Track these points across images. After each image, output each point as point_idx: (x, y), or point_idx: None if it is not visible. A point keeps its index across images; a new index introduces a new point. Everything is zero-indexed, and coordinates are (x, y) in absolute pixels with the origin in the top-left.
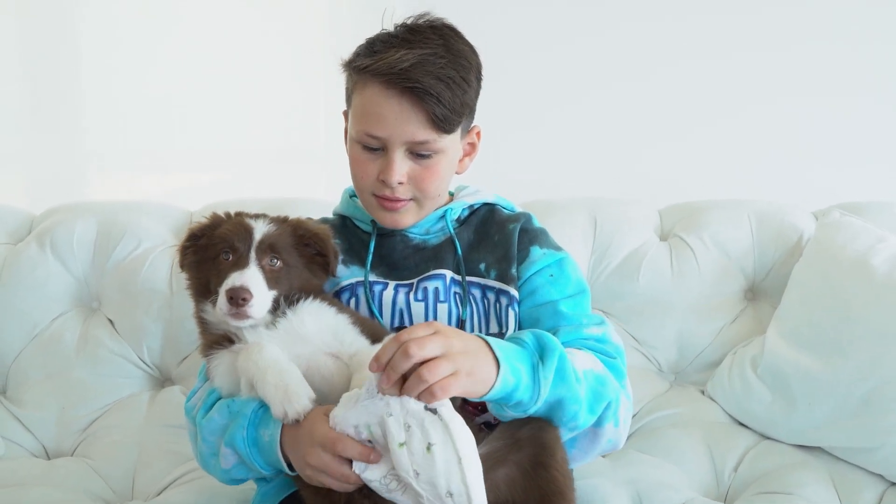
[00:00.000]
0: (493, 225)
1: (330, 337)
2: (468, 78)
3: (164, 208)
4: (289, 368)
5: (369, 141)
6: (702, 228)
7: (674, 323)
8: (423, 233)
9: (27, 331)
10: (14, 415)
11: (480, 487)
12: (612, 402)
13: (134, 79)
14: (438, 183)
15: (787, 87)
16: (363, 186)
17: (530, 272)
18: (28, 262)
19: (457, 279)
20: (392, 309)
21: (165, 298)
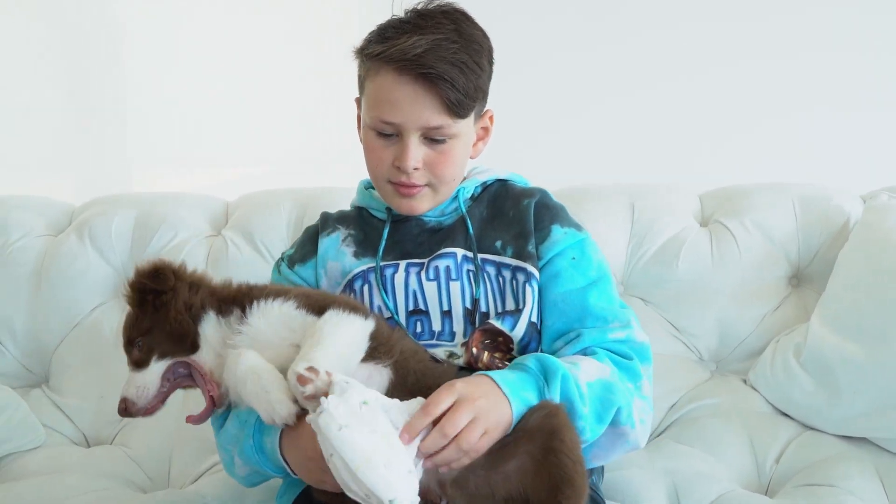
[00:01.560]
0: (507, 200)
1: (286, 331)
2: (480, 62)
3: (200, 199)
4: (267, 374)
5: (383, 127)
6: (743, 213)
7: (715, 310)
8: (438, 215)
9: (68, 321)
10: (55, 403)
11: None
12: (623, 406)
13: (174, 78)
14: (453, 168)
15: (833, 68)
16: (378, 174)
17: (552, 253)
18: (68, 254)
19: (469, 256)
20: (405, 291)
21: None
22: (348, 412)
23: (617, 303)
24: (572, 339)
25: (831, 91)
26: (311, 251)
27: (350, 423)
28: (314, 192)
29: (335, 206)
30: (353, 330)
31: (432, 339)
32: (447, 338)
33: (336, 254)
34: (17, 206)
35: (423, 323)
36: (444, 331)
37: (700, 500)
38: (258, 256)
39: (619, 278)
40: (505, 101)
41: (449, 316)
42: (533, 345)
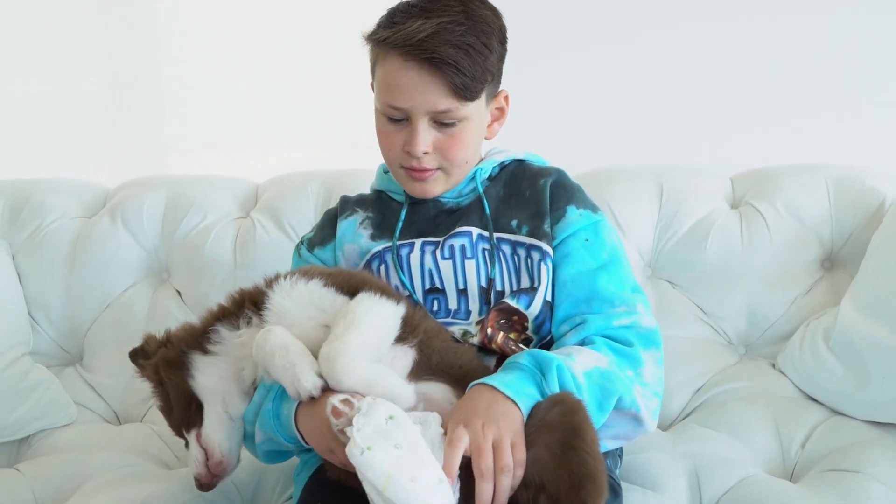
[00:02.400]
0: (524, 179)
1: (314, 310)
2: (489, 43)
3: (230, 181)
4: (295, 348)
5: (393, 112)
6: (774, 195)
7: (744, 294)
8: (456, 196)
9: (101, 302)
10: (88, 382)
11: (416, 498)
12: (624, 394)
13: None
14: (464, 151)
15: (864, 48)
16: (391, 158)
17: (566, 233)
18: (101, 235)
19: (484, 235)
20: (421, 271)
21: (229, 270)
22: (374, 431)
23: (628, 286)
24: (577, 325)
25: (864, 72)
26: (331, 234)
27: (374, 444)
28: (341, 175)
29: (362, 188)
30: (386, 314)
31: (448, 317)
32: (462, 316)
33: (353, 236)
34: (52, 188)
35: (439, 301)
36: (459, 309)
37: (721, 485)
38: (285, 238)
39: (647, 261)
40: (536, 85)
41: (465, 294)
42: (547, 324)
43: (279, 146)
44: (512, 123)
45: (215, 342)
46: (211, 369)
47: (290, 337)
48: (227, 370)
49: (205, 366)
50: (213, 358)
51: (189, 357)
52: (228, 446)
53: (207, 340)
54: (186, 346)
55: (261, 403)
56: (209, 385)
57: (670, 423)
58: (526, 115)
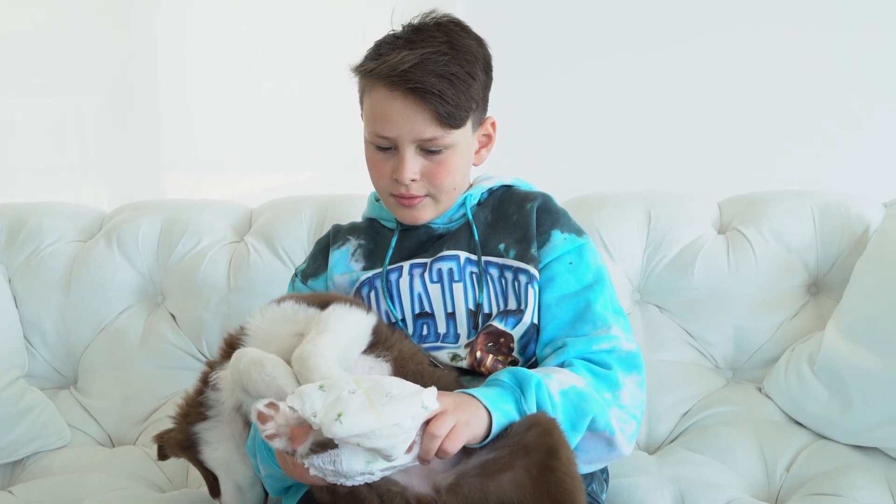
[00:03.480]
0: (511, 204)
1: (288, 323)
2: (473, 72)
3: (224, 205)
4: (269, 360)
5: (380, 141)
6: (761, 221)
7: (731, 318)
8: (446, 222)
9: (96, 325)
10: (82, 404)
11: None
12: (598, 415)
13: (206, 85)
14: (451, 178)
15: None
16: (381, 187)
17: (551, 257)
18: (97, 259)
19: (472, 259)
20: (410, 295)
21: (223, 294)
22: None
23: (611, 308)
24: (558, 349)
25: (851, 98)
26: (323, 265)
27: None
28: (334, 199)
29: (355, 213)
30: (356, 321)
31: (437, 341)
32: (451, 340)
33: (345, 267)
34: (49, 212)
35: (429, 326)
36: (448, 333)
37: None
38: (279, 262)
39: (635, 285)
40: (524, 111)
41: (453, 318)
42: (533, 345)
43: (276, 168)
44: (500, 149)
45: (210, 405)
46: (213, 435)
47: (261, 352)
48: (226, 430)
49: (208, 434)
50: (213, 422)
51: (193, 431)
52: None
53: (203, 406)
54: (188, 422)
55: (255, 435)
56: (214, 455)
57: (657, 446)
58: (514, 140)
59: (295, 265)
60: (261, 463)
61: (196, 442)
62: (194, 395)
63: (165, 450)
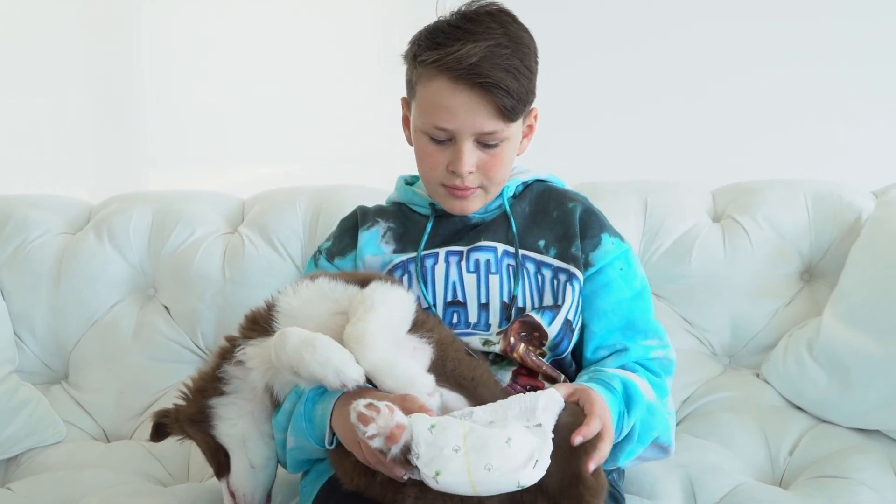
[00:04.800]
0: (551, 201)
1: (327, 302)
2: (530, 65)
3: (217, 196)
4: (320, 341)
5: (438, 133)
6: (755, 209)
7: (727, 305)
8: (483, 212)
9: (86, 318)
10: (75, 399)
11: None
12: (662, 432)
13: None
14: (505, 169)
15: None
16: (432, 177)
17: (603, 262)
18: (86, 251)
19: (510, 251)
20: (445, 283)
21: (218, 285)
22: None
23: (653, 316)
24: (618, 352)
25: (842, 88)
26: (350, 244)
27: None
28: (328, 190)
29: (350, 202)
30: (400, 298)
31: (468, 328)
32: (483, 328)
33: (376, 248)
34: (35, 204)
35: (459, 314)
36: (479, 322)
37: (714, 492)
38: (274, 253)
39: None
40: None
41: (486, 308)
42: (565, 343)
43: (261, 161)
44: None
45: (228, 380)
46: (230, 410)
47: (307, 332)
48: (245, 406)
49: (224, 409)
50: (231, 398)
51: (208, 405)
52: (253, 492)
53: (220, 381)
54: (203, 396)
55: (292, 410)
56: (230, 431)
57: None
58: None
59: (291, 256)
60: (294, 435)
61: (210, 416)
62: (210, 370)
63: (167, 426)
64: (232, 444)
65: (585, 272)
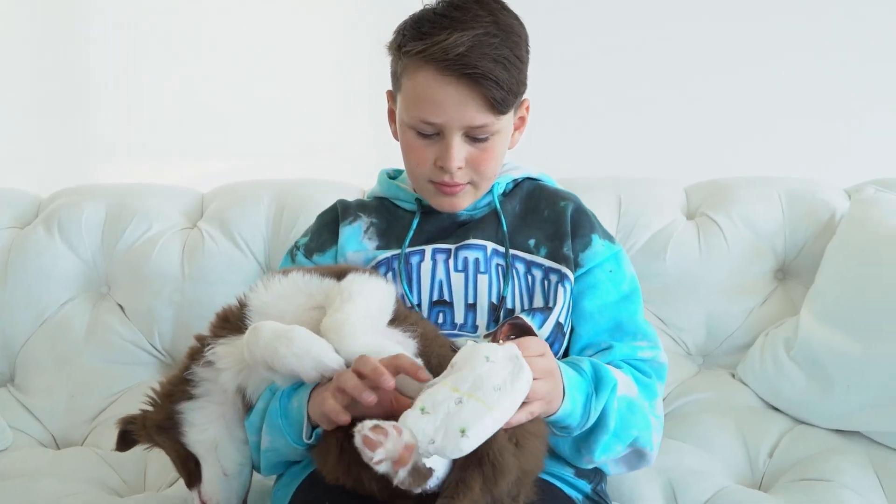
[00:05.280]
0: (542, 200)
1: (301, 296)
2: (521, 54)
3: (175, 190)
4: (296, 332)
5: (424, 128)
6: (730, 206)
7: (702, 304)
8: (471, 209)
9: (35, 317)
10: (22, 403)
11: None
12: (641, 433)
13: (146, 67)
14: (495, 164)
15: (818, 65)
16: (419, 173)
17: (592, 264)
18: (35, 247)
19: (499, 251)
20: (431, 281)
21: (177, 282)
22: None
23: (643, 319)
24: (602, 350)
25: (815, 86)
26: (330, 240)
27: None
28: (293, 184)
29: (318, 197)
30: (379, 288)
31: (454, 329)
32: (469, 329)
33: (358, 244)
34: None
35: (445, 314)
36: (466, 323)
37: (697, 497)
38: (236, 250)
39: None
40: None
41: (473, 309)
42: (556, 346)
43: (220, 154)
44: None
45: (197, 383)
46: (200, 415)
47: (282, 325)
48: (216, 410)
49: (194, 414)
50: (201, 401)
51: (176, 411)
52: (227, 501)
53: (189, 384)
54: (171, 401)
55: (265, 408)
56: (200, 437)
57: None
58: None
59: (254, 253)
60: (269, 434)
61: (179, 423)
62: (179, 372)
63: (133, 434)
64: (203, 450)
65: (575, 272)
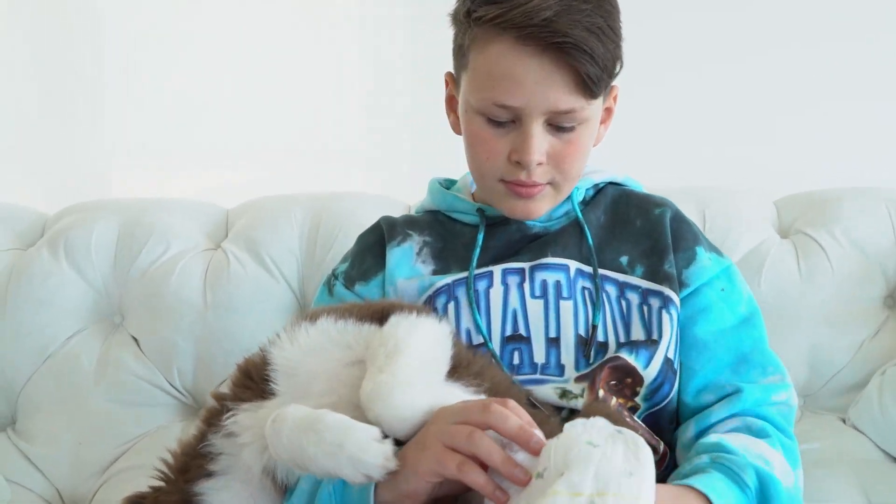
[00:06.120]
0: (632, 207)
1: (337, 350)
2: (615, 26)
3: (195, 206)
4: (325, 424)
5: (498, 113)
6: (832, 222)
7: (804, 336)
8: (545, 219)
9: (38, 351)
10: (23, 452)
11: None
12: None
13: (160, 72)
14: (581, 160)
15: None
16: (488, 170)
17: (700, 282)
18: (39, 271)
19: (585, 271)
20: (503, 311)
21: (198, 312)
22: None
23: (768, 346)
24: (729, 395)
25: None
26: (375, 266)
27: None
28: (328, 198)
29: (358, 212)
30: (432, 332)
31: (535, 373)
32: (554, 371)
33: (410, 269)
34: None
35: (521, 353)
36: (548, 363)
37: None
38: (265, 273)
39: None
40: None
41: (556, 344)
42: (666, 387)
43: (244, 163)
44: None
45: (215, 457)
46: (224, 498)
47: (306, 410)
48: (242, 491)
49: (216, 496)
50: (222, 479)
51: (194, 493)
52: None
53: (207, 458)
54: (186, 479)
55: (312, 491)
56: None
57: None
58: None
59: (286, 277)
60: None
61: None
62: (194, 441)
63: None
64: None
65: (680, 294)
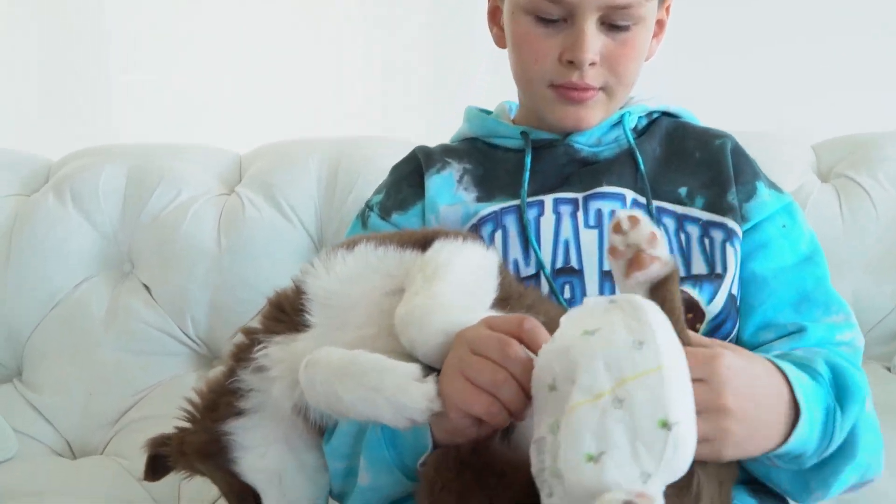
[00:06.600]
0: (689, 140)
1: (376, 277)
2: None
3: (206, 151)
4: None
5: (548, 9)
6: (875, 165)
7: (847, 282)
8: (594, 143)
9: (45, 300)
10: (30, 403)
11: None
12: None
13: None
14: (637, 64)
15: None
16: (536, 73)
17: (760, 217)
18: (45, 217)
19: (641, 203)
20: (554, 241)
21: (213, 258)
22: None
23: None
24: (791, 334)
25: None
26: (413, 195)
27: None
28: (347, 143)
29: (375, 158)
30: (477, 258)
31: None
32: None
33: (452, 196)
34: None
35: (573, 286)
36: None
37: None
38: (282, 218)
39: None
40: None
41: (610, 278)
42: (728, 325)
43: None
44: None
45: (246, 393)
46: (255, 437)
47: (339, 351)
48: (276, 430)
49: (247, 435)
50: (254, 417)
51: (224, 432)
52: None
53: (236, 394)
54: (214, 418)
55: (357, 432)
56: (259, 465)
57: None
58: None
59: (303, 222)
60: (371, 472)
61: (228, 447)
62: (222, 377)
63: (169, 460)
64: (263, 483)
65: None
